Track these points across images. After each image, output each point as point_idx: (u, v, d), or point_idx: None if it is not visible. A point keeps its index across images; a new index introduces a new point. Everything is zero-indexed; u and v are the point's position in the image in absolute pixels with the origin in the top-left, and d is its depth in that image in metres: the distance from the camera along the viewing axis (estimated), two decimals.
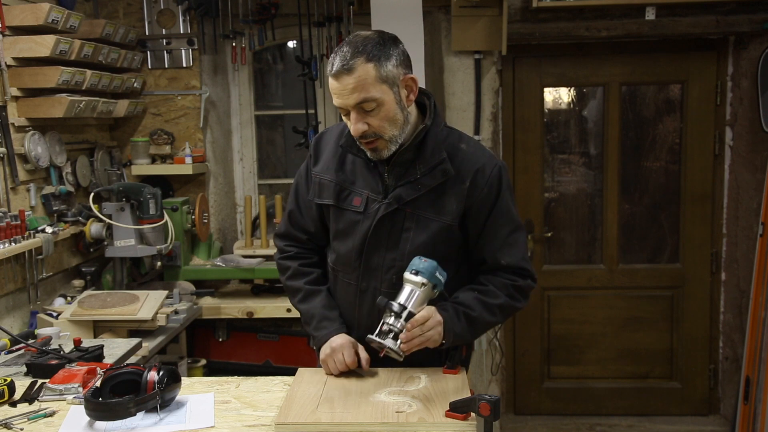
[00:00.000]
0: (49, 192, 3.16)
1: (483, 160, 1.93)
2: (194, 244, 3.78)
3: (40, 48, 2.97)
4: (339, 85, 1.78)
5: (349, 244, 1.97)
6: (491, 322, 1.98)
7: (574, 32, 3.78)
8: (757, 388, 3.69)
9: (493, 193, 1.92)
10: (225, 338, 3.86)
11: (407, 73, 1.84)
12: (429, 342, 1.81)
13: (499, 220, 1.94)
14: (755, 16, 3.68)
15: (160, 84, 3.89)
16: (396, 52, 1.81)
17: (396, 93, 1.82)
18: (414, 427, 1.62)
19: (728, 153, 4.02)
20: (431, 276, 1.80)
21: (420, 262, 1.81)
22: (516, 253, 1.96)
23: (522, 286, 1.97)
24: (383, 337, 1.77)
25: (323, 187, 2.00)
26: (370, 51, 1.77)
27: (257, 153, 4.21)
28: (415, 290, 1.79)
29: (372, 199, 1.92)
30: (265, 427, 1.68)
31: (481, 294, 1.93)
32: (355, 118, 1.81)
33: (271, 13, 3.73)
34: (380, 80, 1.78)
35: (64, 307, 3.07)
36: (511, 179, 4.06)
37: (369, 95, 1.77)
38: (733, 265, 4.05)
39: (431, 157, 1.88)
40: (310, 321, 2.02)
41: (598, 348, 4.22)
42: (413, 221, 1.91)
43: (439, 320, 1.82)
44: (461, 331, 1.87)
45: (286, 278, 2.11)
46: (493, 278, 1.96)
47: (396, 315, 1.77)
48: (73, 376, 1.93)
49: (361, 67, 1.76)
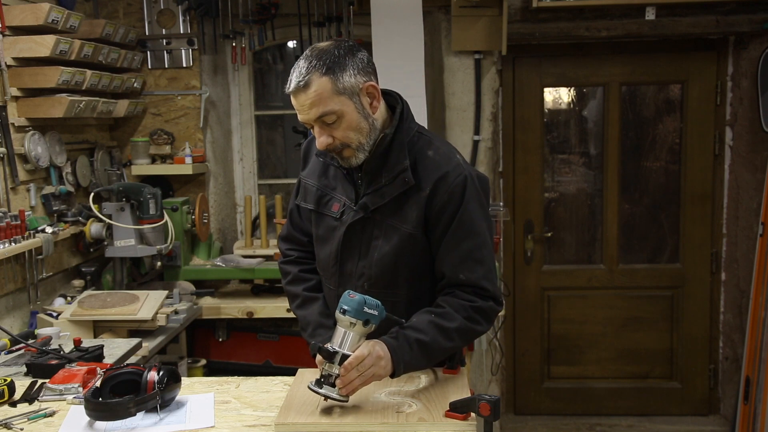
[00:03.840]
0: (49, 192, 3.16)
1: (447, 168, 1.84)
2: (194, 244, 3.78)
3: (40, 48, 2.97)
4: (297, 102, 1.78)
5: (327, 250, 1.97)
6: (448, 347, 1.84)
7: (574, 32, 3.78)
8: (757, 388, 3.69)
9: (453, 202, 1.83)
10: (225, 338, 3.86)
11: (367, 81, 1.80)
12: (374, 378, 1.71)
13: (459, 233, 1.84)
14: (755, 16, 3.68)
15: (160, 84, 3.89)
16: (352, 62, 1.77)
17: (357, 102, 1.79)
18: (414, 427, 1.62)
19: (728, 153, 4.02)
20: (358, 313, 1.68)
21: (347, 300, 1.70)
22: (477, 270, 1.84)
23: (482, 308, 1.85)
24: (321, 385, 1.68)
25: (307, 191, 2.01)
26: (324, 64, 1.74)
27: (257, 153, 4.21)
28: (347, 332, 1.69)
29: (348, 207, 1.91)
30: (265, 427, 1.68)
31: (437, 317, 1.82)
32: (319, 131, 1.80)
33: (271, 13, 3.73)
34: (337, 92, 1.75)
35: (64, 307, 3.07)
36: (511, 179, 4.13)
37: (327, 108, 1.75)
38: (733, 265, 4.05)
39: (395, 164, 1.84)
40: (306, 328, 1.99)
41: (598, 348, 4.22)
42: (381, 229, 1.88)
43: (379, 355, 1.71)
44: (412, 359, 1.76)
45: (286, 283, 2.11)
46: (451, 299, 1.85)
47: (329, 360, 1.68)
48: (73, 376, 1.93)
49: (317, 81, 1.73)
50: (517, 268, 4.20)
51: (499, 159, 4.07)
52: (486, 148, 3.88)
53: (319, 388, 1.68)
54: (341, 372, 1.67)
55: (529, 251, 4.18)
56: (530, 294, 4.22)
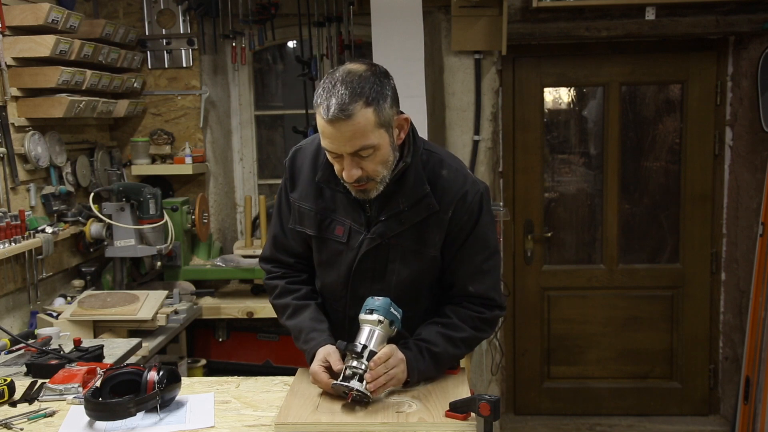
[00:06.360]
0: (49, 192, 3.16)
1: (465, 188, 1.83)
2: (194, 244, 3.78)
3: (40, 48, 2.97)
4: (335, 132, 1.64)
5: (333, 275, 1.91)
6: (456, 356, 1.89)
7: (574, 32, 3.78)
8: (757, 388, 3.69)
9: (472, 220, 1.84)
10: (225, 338, 3.86)
11: (400, 113, 1.74)
12: (394, 380, 1.73)
13: (475, 247, 1.86)
14: (755, 16, 3.68)
15: (160, 84, 3.89)
16: (390, 91, 1.69)
17: (391, 135, 1.71)
18: (414, 427, 1.62)
19: (728, 153, 4.02)
20: (387, 313, 1.73)
21: (373, 301, 1.75)
22: (486, 281, 1.88)
23: (488, 318, 1.90)
24: (348, 381, 1.68)
25: (303, 215, 1.90)
26: (368, 93, 1.62)
27: (257, 153, 4.21)
28: (374, 329, 1.73)
29: (355, 231, 1.84)
30: (265, 427, 1.68)
31: (445, 327, 1.85)
32: (350, 164, 1.69)
33: (271, 13, 3.73)
34: (378, 125, 1.65)
35: (64, 307, 3.07)
36: (511, 179, 4.13)
37: (368, 142, 1.65)
38: (733, 265, 4.05)
39: (414, 189, 1.79)
40: (299, 335, 1.91)
41: (598, 348, 4.22)
42: (398, 253, 1.84)
43: (401, 358, 1.75)
44: (425, 368, 1.81)
45: (273, 297, 2.02)
46: (458, 310, 1.88)
47: (358, 356, 1.69)
48: (73, 376, 1.93)
49: (361, 113, 1.62)
50: (517, 268, 4.20)
51: (499, 159, 4.07)
52: (486, 148, 3.88)
53: (348, 383, 1.68)
54: (371, 366, 1.68)
55: (529, 251, 4.18)
56: (530, 294, 4.22)
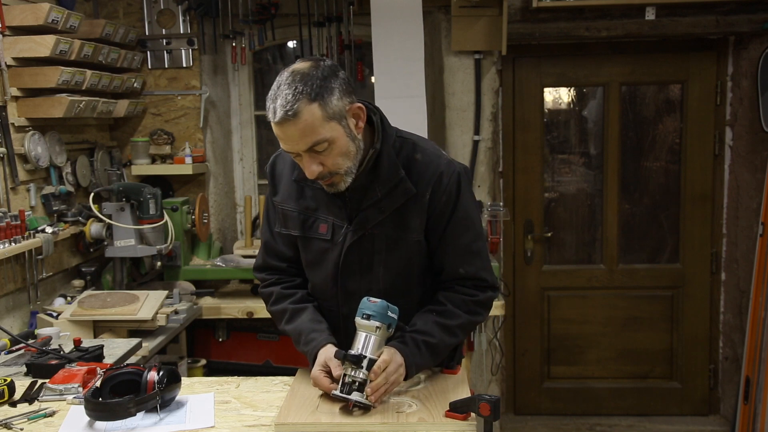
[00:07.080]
0: (49, 192, 3.16)
1: (440, 169, 1.83)
2: (194, 244, 3.78)
3: (40, 48, 2.97)
4: (286, 132, 1.66)
5: (322, 274, 1.92)
6: (452, 344, 1.90)
7: (574, 32, 3.78)
8: (757, 388, 3.69)
9: (452, 201, 1.84)
10: (225, 338, 3.86)
11: (352, 102, 1.72)
12: (394, 385, 1.73)
13: (458, 229, 1.86)
14: (755, 16, 3.68)
15: (160, 84, 3.89)
16: (337, 83, 1.68)
17: (345, 126, 1.71)
18: (414, 427, 1.62)
19: (728, 153, 4.02)
20: (383, 317, 1.70)
21: (369, 305, 1.70)
22: (476, 263, 1.88)
23: (481, 300, 1.90)
24: (347, 391, 1.66)
25: (287, 217, 1.93)
26: (311, 90, 1.63)
27: (257, 153, 4.21)
28: (370, 335, 1.70)
29: (338, 226, 1.86)
30: (265, 427, 1.68)
31: (440, 316, 1.85)
32: (309, 161, 1.70)
33: (271, 13, 3.73)
34: (327, 118, 1.66)
35: (64, 307, 3.07)
36: (511, 179, 4.13)
37: (319, 137, 1.66)
38: (733, 265, 4.05)
39: (389, 176, 1.80)
40: (299, 338, 1.89)
41: (598, 348, 4.22)
42: (382, 243, 1.85)
43: (400, 362, 1.74)
44: (423, 361, 1.81)
45: (270, 305, 2.01)
46: (451, 295, 1.88)
47: (356, 365, 1.66)
48: (73, 376, 1.93)
49: (307, 110, 1.63)
50: (517, 268, 4.20)
51: (499, 159, 4.07)
52: (486, 148, 3.88)
53: (347, 394, 1.66)
54: (371, 377, 1.67)
55: (529, 251, 4.18)
56: (530, 294, 4.22)
